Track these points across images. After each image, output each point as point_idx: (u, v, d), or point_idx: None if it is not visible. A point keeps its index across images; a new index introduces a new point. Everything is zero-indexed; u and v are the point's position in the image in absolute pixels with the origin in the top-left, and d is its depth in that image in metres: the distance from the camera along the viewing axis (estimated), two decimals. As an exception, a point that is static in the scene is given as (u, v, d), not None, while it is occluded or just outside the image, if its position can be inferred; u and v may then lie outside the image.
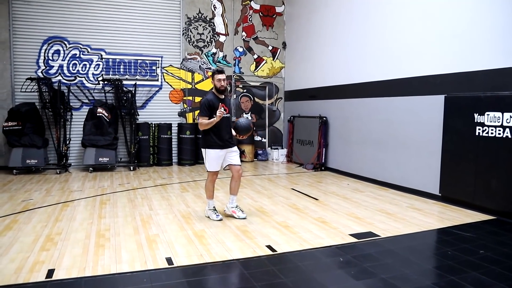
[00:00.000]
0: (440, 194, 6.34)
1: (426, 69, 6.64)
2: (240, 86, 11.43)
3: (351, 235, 4.66)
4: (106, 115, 9.35)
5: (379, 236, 4.64)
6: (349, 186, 7.60)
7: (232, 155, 5.30)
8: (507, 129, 5.19)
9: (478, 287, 3.29)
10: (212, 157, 5.15)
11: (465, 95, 5.88)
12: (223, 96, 5.28)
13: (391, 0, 7.42)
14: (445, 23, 6.29)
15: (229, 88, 11.20)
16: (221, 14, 11.07)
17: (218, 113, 4.97)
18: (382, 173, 7.67)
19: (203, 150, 5.24)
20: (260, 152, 11.41)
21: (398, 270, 3.66)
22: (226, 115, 5.17)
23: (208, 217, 5.34)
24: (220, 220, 5.22)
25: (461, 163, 5.91)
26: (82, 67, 9.92)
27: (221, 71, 5.22)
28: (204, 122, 5.05)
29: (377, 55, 7.80)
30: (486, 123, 5.49)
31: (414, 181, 6.91)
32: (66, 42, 9.73)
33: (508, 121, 5.19)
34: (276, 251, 4.12)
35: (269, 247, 4.22)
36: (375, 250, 4.17)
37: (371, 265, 3.74)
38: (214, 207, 5.38)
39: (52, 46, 9.63)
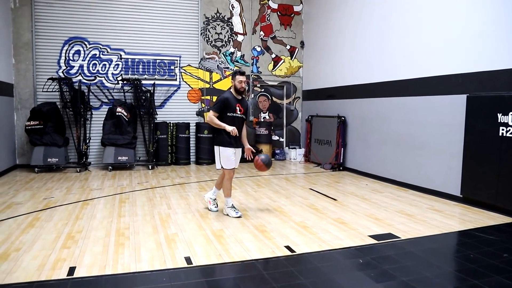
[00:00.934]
0: (461, 196, 6.23)
1: (447, 68, 6.52)
2: (258, 85, 11.43)
3: (371, 236, 4.61)
4: (125, 114, 9.45)
5: (399, 237, 4.58)
6: (367, 187, 7.53)
7: (237, 156, 5.48)
8: (532, 130, 5.08)
9: (502, 291, 3.23)
10: (227, 155, 5.28)
11: (488, 94, 5.76)
12: (240, 97, 5.38)
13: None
14: (467, 22, 6.17)
15: (247, 88, 11.20)
16: (239, 14, 11.08)
17: (231, 131, 5.11)
18: (402, 174, 7.57)
19: (216, 148, 5.34)
20: (277, 151, 11.38)
21: (418, 273, 3.60)
22: (241, 116, 5.34)
23: (227, 214, 5.41)
24: (240, 217, 5.31)
25: (483, 164, 5.80)
26: (101, 67, 10.05)
27: (242, 73, 5.32)
28: (215, 121, 5.18)
29: (397, 54, 7.70)
30: (510, 123, 5.37)
31: (435, 182, 6.80)
32: (86, 43, 9.87)
33: (533, 121, 5.06)
34: (294, 251, 4.10)
35: (288, 247, 4.21)
36: (395, 252, 4.11)
37: (391, 267, 3.69)
38: (232, 204, 5.45)
39: (72, 47, 9.78)
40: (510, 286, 3.32)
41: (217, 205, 5.72)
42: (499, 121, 5.51)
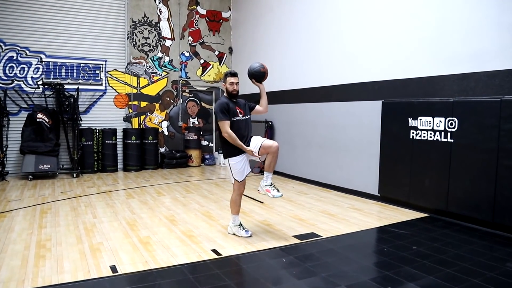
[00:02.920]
0: (379, 195, 6.67)
1: (365, 75, 6.98)
2: (187, 90, 11.41)
3: (294, 236, 4.81)
4: (47, 120, 9.03)
5: (321, 236, 4.83)
6: (294, 189, 7.81)
7: (255, 145, 4.74)
8: (437, 133, 5.58)
9: (411, 280, 3.53)
10: (238, 165, 4.67)
11: (400, 100, 6.24)
12: (235, 100, 4.89)
13: (333, 9, 7.73)
14: (383, 32, 6.65)
15: (175, 93, 11.15)
16: (167, 18, 11.01)
17: (253, 152, 4.61)
18: (326, 176, 7.94)
19: (226, 161, 4.74)
20: (207, 156, 11.43)
21: (337, 268, 3.84)
22: (244, 118, 4.82)
23: (234, 234, 4.87)
24: (250, 236, 4.78)
25: (397, 165, 6.26)
26: (20, 70, 9.51)
27: (234, 74, 4.86)
28: (234, 138, 4.54)
29: (320, 61, 8.09)
30: (419, 127, 5.85)
31: (356, 183, 7.22)
32: (1, 44, 9.29)
33: (438, 125, 5.56)
34: (221, 254, 4.19)
35: (214, 251, 4.29)
36: (316, 250, 4.34)
37: (312, 265, 3.90)
38: (240, 223, 4.89)
39: (-14, 49, 9.18)
40: (417, 275, 3.64)
41: (277, 188, 4.92)
42: (410, 125, 5.99)
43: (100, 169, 9.95)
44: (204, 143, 11.65)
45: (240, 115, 4.77)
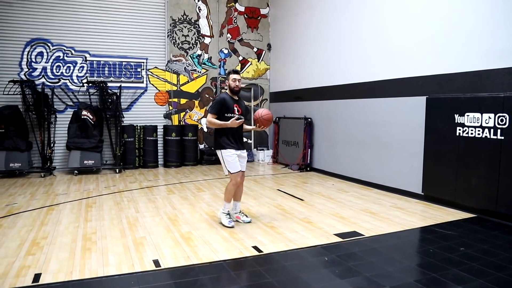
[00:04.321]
0: (422, 193, 6.47)
1: (408, 71, 6.77)
2: (225, 87, 11.44)
3: (336, 234, 4.74)
4: (91, 117, 9.31)
5: (363, 235, 4.73)
6: (334, 187, 7.70)
7: (242, 159, 5.14)
8: (486, 130, 5.34)
9: (459, 283, 3.39)
10: (231, 158, 4.95)
11: (445, 96, 6.02)
12: (237, 98, 5.16)
13: (374, 3, 7.55)
14: (427, 26, 6.43)
15: (214, 90, 11.23)
16: (206, 16, 11.10)
17: (233, 120, 4.85)
18: (366, 173, 7.79)
19: (218, 152, 5.04)
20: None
21: (381, 268, 3.75)
22: (238, 116, 5.03)
23: (220, 222, 5.12)
24: (232, 227, 4.98)
25: (442, 163, 6.05)
26: (66, 69, 9.85)
27: (236, 71, 5.15)
28: (215, 122, 4.89)
29: (360, 57, 7.92)
30: (466, 123, 5.63)
31: (397, 181, 7.04)
32: (49, 44, 9.65)
33: (487, 121, 5.33)
34: (262, 251, 4.17)
35: (256, 247, 4.28)
36: (359, 249, 4.25)
37: (355, 264, 3.82)
38: (228, 211, 5.14)
39: (35, 48, 9.55)
40: (465, 278, 3.50)
41: (246, 214, 5.32)
42: (456, 121, 5.77)
43: (142, 165, 10.17)
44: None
45: (237, 113, 5.04)
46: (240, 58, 11.53)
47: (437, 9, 6.25)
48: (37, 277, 3.53)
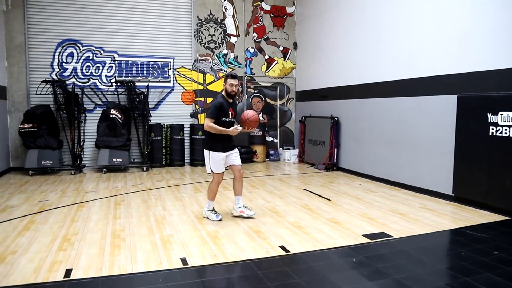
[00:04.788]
0: (453, 195, 6.32)
1: (438, 68, 6.61)
2: (252, 86, 11.48)
3: (364, 235, 4.67)
4: (119, 116, 9.46)
5: (392, 236, 4.65)
6: (361, 187, 7.60)
7: (233, 155, 5.33)
8: (521, 129, 5.17)
9: (492, 288, 3.29)
10: (217, 160, 5.18)
11: (478, 94, 5.85)
12: (232, 101, 5.32)
13: (403, 0, 7.40)
14: (457, 22, 6.26)
15: (240, 89, 11.26)
16: (232, 15, 11.13)
17: (234, 129, 5.06)
18: (394, 173, 7.65)
19: (206, 152, 5.24)
20: (271, 152, 11.44)
21: (411, 270, 3.67)
22: (231, 120, 5.25)
23: (207, 218, 5.36)
24: (220, 220, 5.26)
25: (474, 163, 5.89)
26: (95, 69, 10.06)
27: (234, 76, 5.24)
28: (214, 127, 5.04)
29: (388, 54, 7.79)
30: (499, 122, 5.45)
31: (427, 181, 6.89)
32: (79, 45, 9.87)
33: (522, 120, 5.16)
34: (289, 251, 4.15)
35: (282, 247, 4.26)
36: (388, 251, 4.18)
37: (384, 266, 3.75)
38: (213, 208, 5.40)
39: (66, 49, 9.78)
40: (500, 283, 3.39)
41: (249, 208, 5.52)
42: (489, 120, 5.60)
43: (168, 164, 10.28)
44: (269, 139, 11.67)
45: (230, 117, 5.23)
46: (266, 57, 11.52)
47: (470, 5, 6.07)
48: (68, 272, 3.61)
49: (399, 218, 5.39)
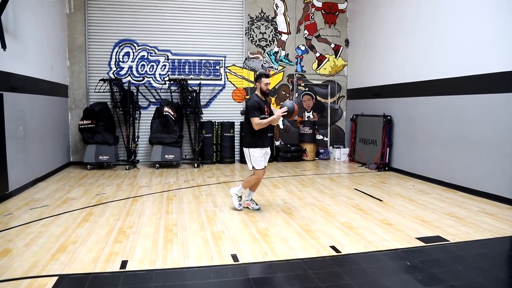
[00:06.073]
0: (515, 198, 5.98)
1: (502, 64, 6.24)
2: (302, 84, 11.40)
3: (418, 238, 4.52)
4: (172, 113, 9.70)
5: (448, 241, 4.47)
6: (414, 188, 7.36)
7: (266, 156, 5.55)
8: None
9: (560, 299, 3.09)
10: (257, 156, 5.40)
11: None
12: (265, 99, 5.53)
13: (462, -6, 7.08)
14: (523, 17, 5.90)
15: (291, 87, 11.21)
16: (283, 13, 11.10)
17: (278, 113, 5.30)
18: (450, 175, 7.34)
19: (246, 150, 5.45)
20: (321, 151, 11.31)
21: (469, 277, 3.51)
22: (267, 117, 5.41)
23: (231, 198, 5.80)
24: (240, 210, 5.65)
25: (539, 166, 5.54)
26: (149, 68, 10.36)
27: (267, 75, 5.52)
28: (263, 121, 5.26)
29: (447, 50, 7.47)
30: None
31: (486, 184, 6.55)
32: (135, 44, 10.21)
33: None
34: (340, 252, 4.09)
35: (333, 247, 4.20)
36: (444, 256, 4.02)
37: (440, 271, 3.61)
38: (241, 196, 5.73)
39: (122, 49, 10.15)
40: None
41: (256, 202, 5.87)
42: (557, 120, 5.25)
43: (219, 160, 10.42)
44: (319, 137, 11.54)
45: (266, 114, 5.42)
46: (317, 54, 11.39)
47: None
48: (124, 263, 3.75)
49: (455, 222, 5.17)
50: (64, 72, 9.61)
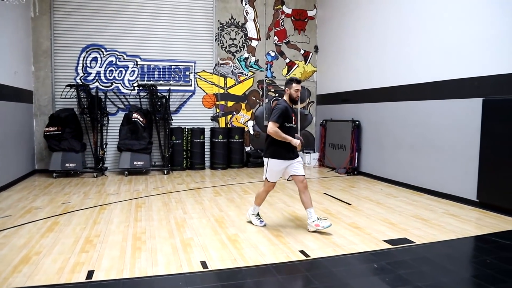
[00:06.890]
0: (477, 200, 6.17)
1: (463, 71, 6.48)
2: (272, 90, 11.46)
3: (385, 241, 4.60)
4: (141, 120, 9.58)
5: (414, 242, 4.57)
6: (382, 191, 7.50)
7: (295, 165, 4.98)
8: (550, 134, 5.02)
9: (519, 297, 3.20)
10: (275, 168, 4.96)
11: (505, 98, 5.70)
12: (292, 107, 5.16)
13: (426, 2, 7.30)
14: (483, 24, 6.13)
15: (261, 93, 11.26)
16: (253, 19, 11.15)
17: (298, 143, 4.86)
18: (417, 178, 7.53)
19: (266, 159, 5.03)
20: (292, 156, 11.36)
21: (434, 278, 3.59)
22: (294, 125, 5.13)
23: (250, 222, 5.31)
24: (264, 225, 5.18)
25: (501, 168, 5.74)
26: (118, 74, 10.21)
27: (299, 81, 5.10)
28: (280, 134, 4.81)
29: (412, 57, 7.67)
30: (527, 127, 5.31)
31: (450, 187, 6.75)
32: (103, 50, 10.04)
33: (550, 125, 5.01)
34: (309, 256, 4.12)
35: (302, 252, 4.23)
36: (410, 257, 4.11)
37: (406, 272, 3.68)
38: (258, 213, 5.30)
39: (90, 54, 9.96)
40: (527, 292, 3.29)
41: (325, 218, 5.09)
42: (516, 124, 5.46)
43: (189, 167, 10.34)
44: (289, 142, 11.60)
45: (293, 123, 5.07)
46: (287, 60, 11.50)
47: (497, 7, 5.93)
48: (90, 273, 3.66)
49: (421, 224, 5.29)
50: (29, 77, 9.36)
